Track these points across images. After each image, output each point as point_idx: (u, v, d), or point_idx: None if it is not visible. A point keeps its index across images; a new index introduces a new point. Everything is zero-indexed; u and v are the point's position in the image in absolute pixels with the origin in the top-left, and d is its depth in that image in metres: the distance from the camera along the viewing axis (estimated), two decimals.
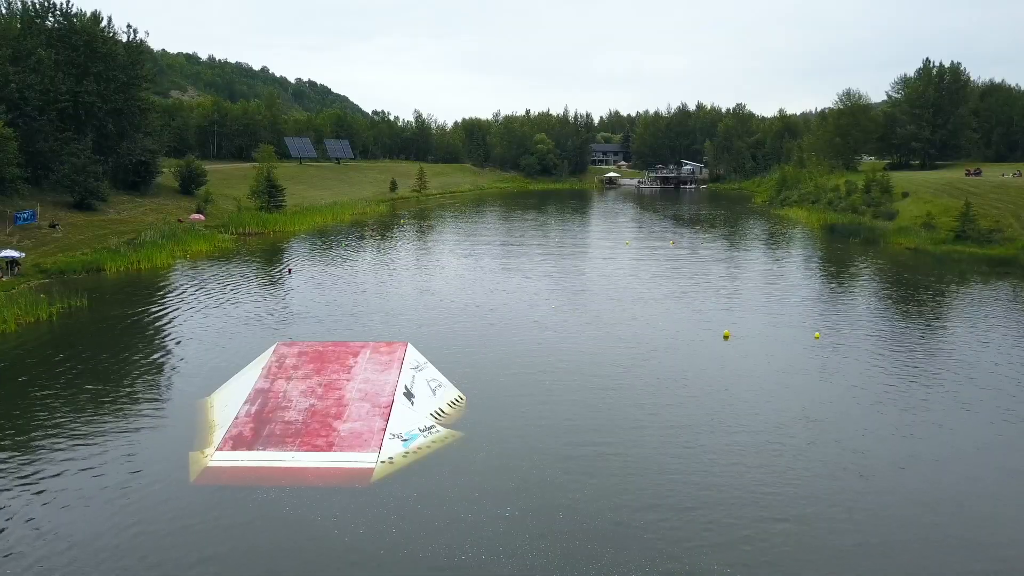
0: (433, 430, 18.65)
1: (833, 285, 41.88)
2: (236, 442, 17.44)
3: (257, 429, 17.96)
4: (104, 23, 62.65)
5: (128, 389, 22.40)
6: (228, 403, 19.63)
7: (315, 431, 17.91)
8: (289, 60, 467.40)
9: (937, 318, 33.27)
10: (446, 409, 20.21)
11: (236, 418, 18.41)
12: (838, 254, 53.86)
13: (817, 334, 29.18)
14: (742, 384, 23.23)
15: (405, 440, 17.84)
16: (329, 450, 17.19)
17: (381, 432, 17.84)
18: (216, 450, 17.15)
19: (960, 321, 32.40)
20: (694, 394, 22.27)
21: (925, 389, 22.90)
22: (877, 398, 22.02)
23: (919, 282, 41.88)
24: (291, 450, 17.14)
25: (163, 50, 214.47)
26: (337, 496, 15.54)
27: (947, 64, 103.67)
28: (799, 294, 37.89)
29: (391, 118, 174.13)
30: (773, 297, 36.99)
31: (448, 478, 16.50)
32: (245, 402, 19.10)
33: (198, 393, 21.65)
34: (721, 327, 30.30)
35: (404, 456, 17.29)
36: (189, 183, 69.83)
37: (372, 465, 16.70)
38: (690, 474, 16.90)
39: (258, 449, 17.16)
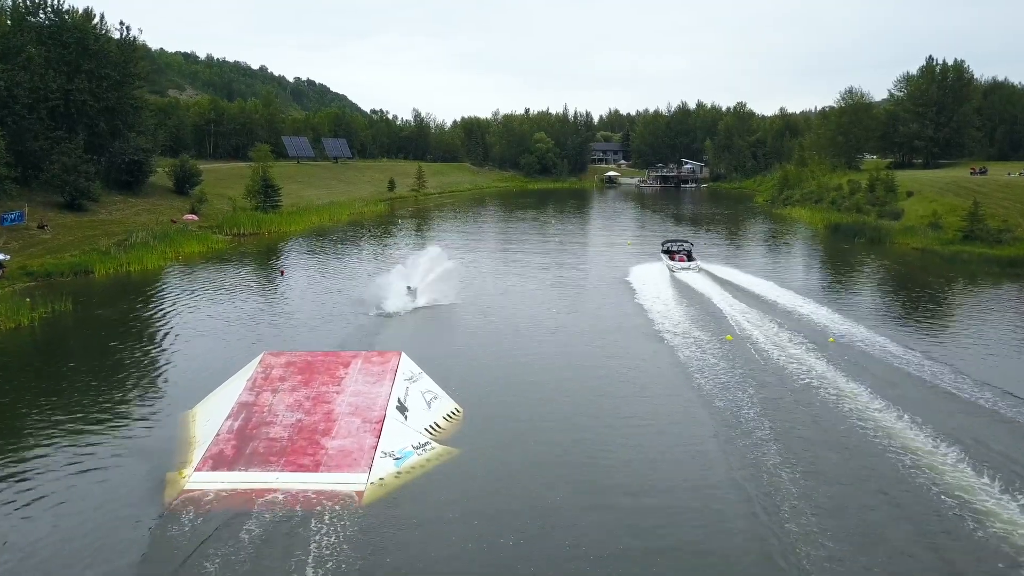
0: (428, 447, 17.56)
1: (841, 286, 40.79)
2: (216, 461, 16.31)
3: (239, 447, 16.83)
4: (96, 20, 61.66)
5: (107, 402, 21.26)
6: (210, 417, 18.50)
7: (301, 449, 16.78)
8: (288, 59, 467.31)
9: (956, 321, 32.12)
10: (442, 423, 19.12)
11: (218, 434, 17.28)
12: (844, 254, 52.81)
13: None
14: (750, 389, 22.13)
15: (397, 459, 16.73)
16: (316, 470, 16.06)
17: (372, 450, 16.72)
18: (195, 470, 16.01)
19: (979, 324, 31.26)
20: (701, 402, 21.18)
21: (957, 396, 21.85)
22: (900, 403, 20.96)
23: (931, 283, 40.84)
24: (275, 470, 16.01)
25: (161, 49, 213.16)
26: (323, 522, 14.43)
27: (953, 62, 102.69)
28: (805, 294, 36.65)
29: (389, 117, 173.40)
30: (778, 298, 35.81)
31: (443, 501, 15.40)
32: (228, 417, 17.96)
33: (181, 405, 20.53)
34: (724, 330, 29.26)
35: (396, 476, 16.18)
36: (183, 183, 68.72)
37: (362, 487, 15.58)
38: (707, 495, 15.81)
39: (240, 469, 16.01)
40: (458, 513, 14.93)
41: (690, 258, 44.92)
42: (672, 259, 44.67)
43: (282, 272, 42.61)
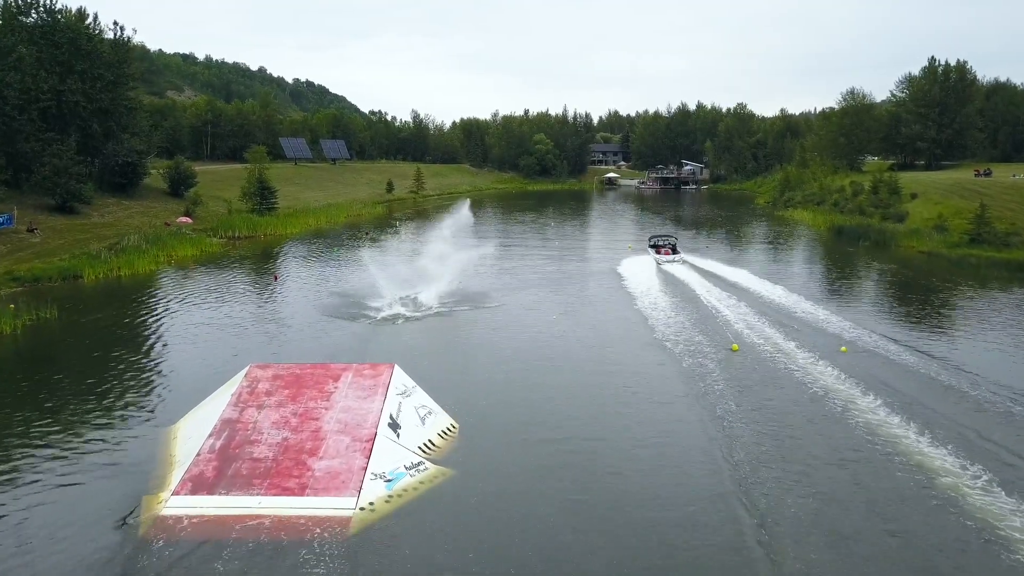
0: (421, 467, 16.59)
1: (849, 291, 39.86)
2: (196, 484, 15.33)
3: (221, 468, 15.85)
4: (89, 20, 60.78)
5: (86, 416, 20.27)
6: (192, 435, 17.54)
7: (287, 471, 15.81)
8: (286, 60, 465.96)
9: (975, 328, 31.01)
10: (436, 441, 18.15)
11: (199, 454, 16.31)
12: (849, 258, 51.92)
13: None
14: (758, 402, 21.19)
15: (389, 480, 15.77)
16: (301, 494, 15.09)
17: (361, 472, 15.75)
18: (172, 494, 15.03)
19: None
20: (708, 417, 20.22)
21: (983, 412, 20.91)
22: (911, 414, 20.03)
23: (941, 288, 39.89)
24: (258, 494, 15.03)
25: (159, 50, 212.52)
26: (310, 551, 13.49)
27: (952, 63, 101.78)
28: (813, 300, 35.72)
29: (388, 118, 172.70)
30: (784, 305, 34.89)
31: (437, 527, 14.44)
32: (210, 435, 16.99)
33: (163, 420, 19.59)
34: (729, 339, 28.31)
35: (387, 501, 15.20)
36: (178, 185, 67.75)
37: (350, 512, 14.61)
38: (711, 518, 14.87)
39: (220, 493, 15.04)
40: (453, 540, 13.99)
41: (675, 251, 47.62)
42: (658, 253, 47.48)
43: (276, 277, 41.67)
